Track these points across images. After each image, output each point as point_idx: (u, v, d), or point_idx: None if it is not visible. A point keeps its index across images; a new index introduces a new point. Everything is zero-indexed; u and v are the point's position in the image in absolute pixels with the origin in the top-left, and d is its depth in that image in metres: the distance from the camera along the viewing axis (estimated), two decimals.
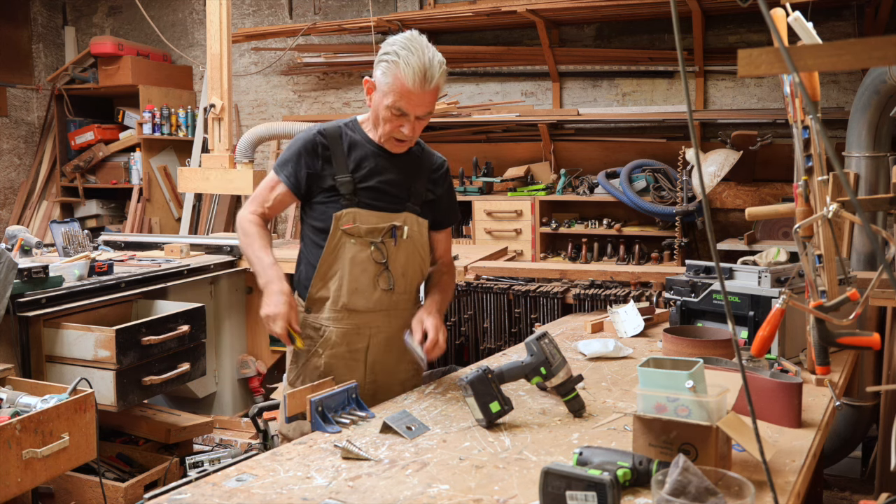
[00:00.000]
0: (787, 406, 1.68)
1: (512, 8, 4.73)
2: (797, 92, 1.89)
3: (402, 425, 1.69)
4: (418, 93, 1.92)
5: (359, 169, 2.03)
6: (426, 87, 1.92)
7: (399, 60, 1.90)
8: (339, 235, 2.01)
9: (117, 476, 3.09)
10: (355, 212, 2.01)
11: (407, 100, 1.93)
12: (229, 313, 3.91)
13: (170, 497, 1.41)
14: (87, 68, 6.33)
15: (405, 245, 2.06)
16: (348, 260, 2.01)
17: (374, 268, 2.03)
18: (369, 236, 2.02)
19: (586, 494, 1.22)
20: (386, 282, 2.04)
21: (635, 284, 3.25)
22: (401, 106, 1.93)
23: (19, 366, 2.82)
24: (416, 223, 2.09)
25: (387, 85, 1.93)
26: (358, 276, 2.02)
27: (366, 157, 2.04)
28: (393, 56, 1.91)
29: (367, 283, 2.03)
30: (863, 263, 3.62)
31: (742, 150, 4.46)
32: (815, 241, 1.92)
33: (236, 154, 4.34)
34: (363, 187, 2.03)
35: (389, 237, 2.04)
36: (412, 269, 2.10)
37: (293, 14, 6.00)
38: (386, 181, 2.05)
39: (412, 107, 1.94)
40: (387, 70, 1.93)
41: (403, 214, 2.07)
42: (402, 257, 2.06)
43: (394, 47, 1.93)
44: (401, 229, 2.05)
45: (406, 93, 1.91)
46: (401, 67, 1.89)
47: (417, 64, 1.89)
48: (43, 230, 6.18)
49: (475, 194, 5.08)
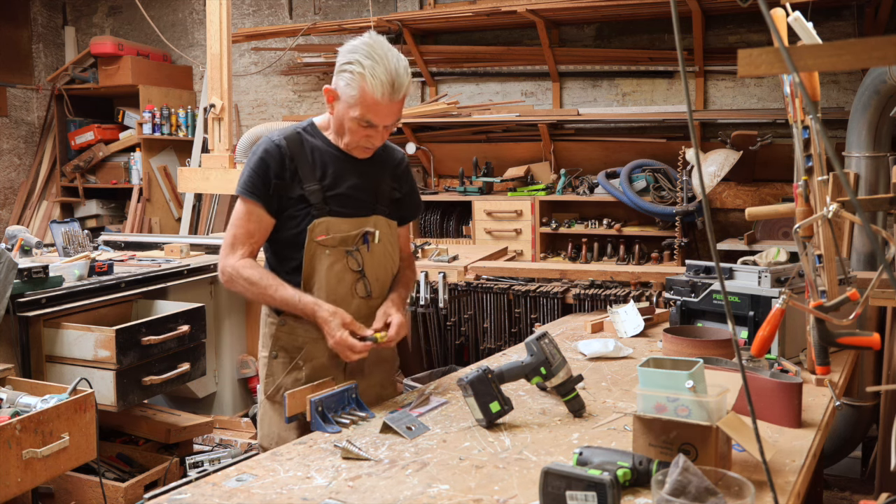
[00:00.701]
0: (787, 406, 1.68)
1: (512, 8, 4.72)
2: (797, 92, 1.89)
3: (402, 425, 1.68)
4: (387, 104, 1.84)
5: (325, 176, 1.96)
6: (395, 97, 1.84)
7: (364, 72, 1.80)
8: (314, 248, 1.94)
9: (117, 476, 3.09)
10: (327, 221, 1.94)
11: (375, 112, 1.85)
12: (229, 313, 3.91)
13: (170, 497, 1.41)
14: (87, 68, 6.33)
15: (378, 249, 2.02)
16: (324, 271, 1.95)
17: (350, 276, 1.98)
18: (343, 245, 1.96)
19: (586, 494, 1.22)
20: (363, 289, 2.00)
21: (635, 284, 3.25)
22: (369, 118, 1.86)
23: (19, 366, 2.82)
24: (386, 225, 2.04)
25: (352, 98, 1.84)
26: (335, 286, 1.96)
27: (330, 163, 1.97)
28: (357, 67, 1.81)
29: (345, 292, 1.98)
30: (863, 263, 3.62)
31: (742, 150, 4.46)
32: (815, 241, 1.92)
33: (236, 154, 4.34)
34: (332, 195, 1.95)
35: (362, 243, 1.99)
36: (385, 272, 2.06)
37: (293, 14, 6.00)
38: (353, 186, 1.98)
39: (380, 118, 1.87)
40: (351, 81, 1.83)
41: (374, 218, 2.01)
42: (376, 262, 2.03)
43: (356, 55, 1.82)
44: (373, 234, 2.00)
45: (374, 105, 1.83)
46: (367, 80, 1.80)
47: (384, 75, 1.80)
48: (43, 230, 6.18)
49: (475, 194, 5.08)
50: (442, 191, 5.38)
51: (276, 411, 2.01)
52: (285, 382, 2.00)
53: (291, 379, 2.00)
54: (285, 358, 2.02)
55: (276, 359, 2.03)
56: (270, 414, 2.03)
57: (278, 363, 2.03)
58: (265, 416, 2.05)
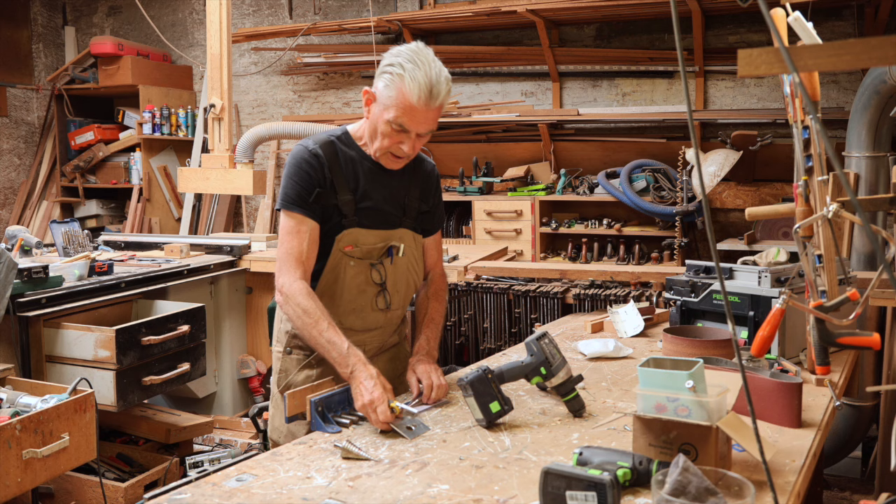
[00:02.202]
0: (787, 406, 1.68)
1: (512, 8, 4.73)
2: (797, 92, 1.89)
3: (402, 426, 1.68)
4: (422, 109, 1.82)
5: (357, 188, 1.95)
6: (431, 104, 1.82)
7: (404, 74, 1.80)
8: (339, 257, 1.93)
9: (117, 476, 3.09)
10: (356, 232, 1.93)
11: (410, 116, 1.83)
12: (229, 313, 3.91)
13: (170, 497, 1.41)
14: (87, 68, 6.33)
15: (401, 262, 2.01)
16: (347, 281, 1.95)
17: (372, 289, 1.98)
18: (367, 258, 1.95)
19: (586, 494, 1.22)
20: (383, 302, 2.00)
21: (635, 284, 3.25)
22: (402, 122, 1.84)
23: (19, 366, 2.82)
24: (412, 238, 2.04)
25: (389, 98, 1.83)
26: (356, 297, 1.97)
27: (363, 175, 1.96)
28: (398, 69, 1.81)
29: (365, 304, 1.98)
30: (863, 263, 3.62)
31: (742, 150, 4.46)
32: (815, 241, 1.92)
33: (236, 154, 4.34)
34: (363, 207, 1.94)
35: (386, 256, 1.98)
36: (407, 285, 2.06)
37: (293, 14, 6.00)
38: (383, 199, 1.98)
39: (414, 124, 1.85)
40: (390, 83, 1.82)
41: (400, 231, 2.01)
42: (399, 275, 2.02)
43: (399, 59, 1.82)
44: (397, 248, 1.99)
45: (409, 109, 1.82)
46: (406, 82, 1.79)
47: (424, 79, 1.79)
48: (43, 230, 6.18)
49: (475, 194, 5.08)
50: (442, 191, 5.37)
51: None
52: (296, 379, 2.02)
53: (303, 375, 2.02)
54: (299, 355, 2.03)
55: (290, 354, 2.04)
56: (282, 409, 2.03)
57: (292, 359, 2.04)
58: (276, 410, 2.06)
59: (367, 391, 1.72)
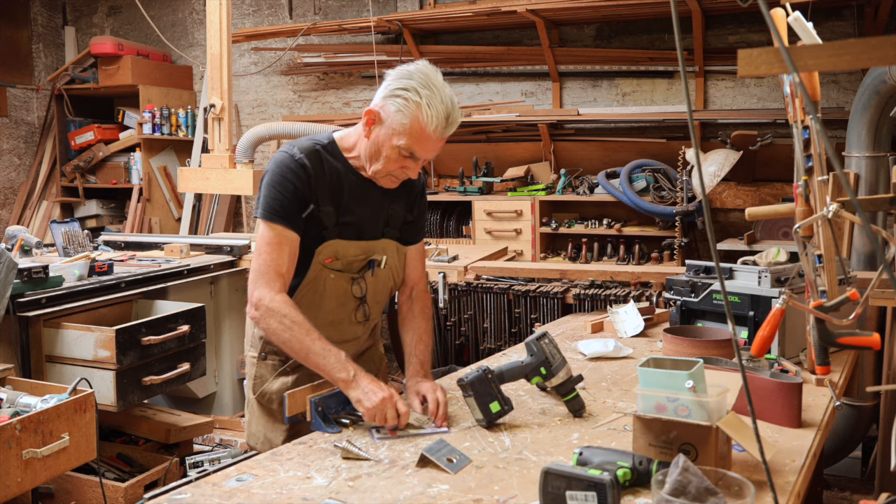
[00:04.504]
0: (787, 406, 1.68)
1: (512, 8, 4.72)
2: (797, 92, 1.89)
3: (442, 457, 1.52)
4: (437, 139, 1.76)
5: (341, 200, 1.86)
6: (446, 132, 1.76)
7: (421, 101, 1.71)
8: (319, 269, 1.87)
9: (117, 476, 3.09)
10: (336, 244, 1.86)
11: (422, 144, 1.76)
12: (229, 313, 3.91)
13: (170, 497, 1.41)
14: (87, 68, 6.33)
15: (382, 274, 1.96)
16: (327, 294, 1.89)
17: (352, 303, 1.93)
18: (348, 270, 1.89)
19: (586, 494, 1.22)
20: (363, 315, 1.96)
21: (635, 284, 3.25)
22: (414, 150, 1.76)
23: (19, 366, 2.82)
24: (395, 250, 1.98)
25: (402, 126, 1.73)
26: (335, 309, 1.91)
27: (347, 188, 1.87)
28: (413, 95, 1.71)
29: (344, 317, 1.94)
30: (863, 263, 3.62)
31: (742, 150, 4.46)
32: (815, 241, 1.92)
33: (236, 154, 4.34)
34: (344, 220, 1.87)
35: (367, 269, 1.92)
36: (384, 294, 2.02)
37: (293, 14, 6.00)
38: (366, 211, 1.90)
39: (425, 151, 1.79)
40: (404, 109, 1.72)
41: (383, 242, 1.94)
42: (379, 287, 1.98)
43: (412, 82, 1.72)
44: (379, 261, 1.93)
45: (424, 137, 1.74)
46: (423, 111, 1.71)
47: (441, 109, 1.72)
48: (43, 230, 6.18)
49: (475, 194, 5.08)
50: (442, 191, 5.38)
51: (262, 411, 2.00)
52: (271, 387, 1.97)
53: (279, 383, 1.97)
54: (275, 360, 1.99)
55: (265, 360, 2.00)
56: (258, 414, 2.01)
57: (267, 365, 2.00)
58: (252, 415, 2.03)
59: (377, 390, 1.69)
